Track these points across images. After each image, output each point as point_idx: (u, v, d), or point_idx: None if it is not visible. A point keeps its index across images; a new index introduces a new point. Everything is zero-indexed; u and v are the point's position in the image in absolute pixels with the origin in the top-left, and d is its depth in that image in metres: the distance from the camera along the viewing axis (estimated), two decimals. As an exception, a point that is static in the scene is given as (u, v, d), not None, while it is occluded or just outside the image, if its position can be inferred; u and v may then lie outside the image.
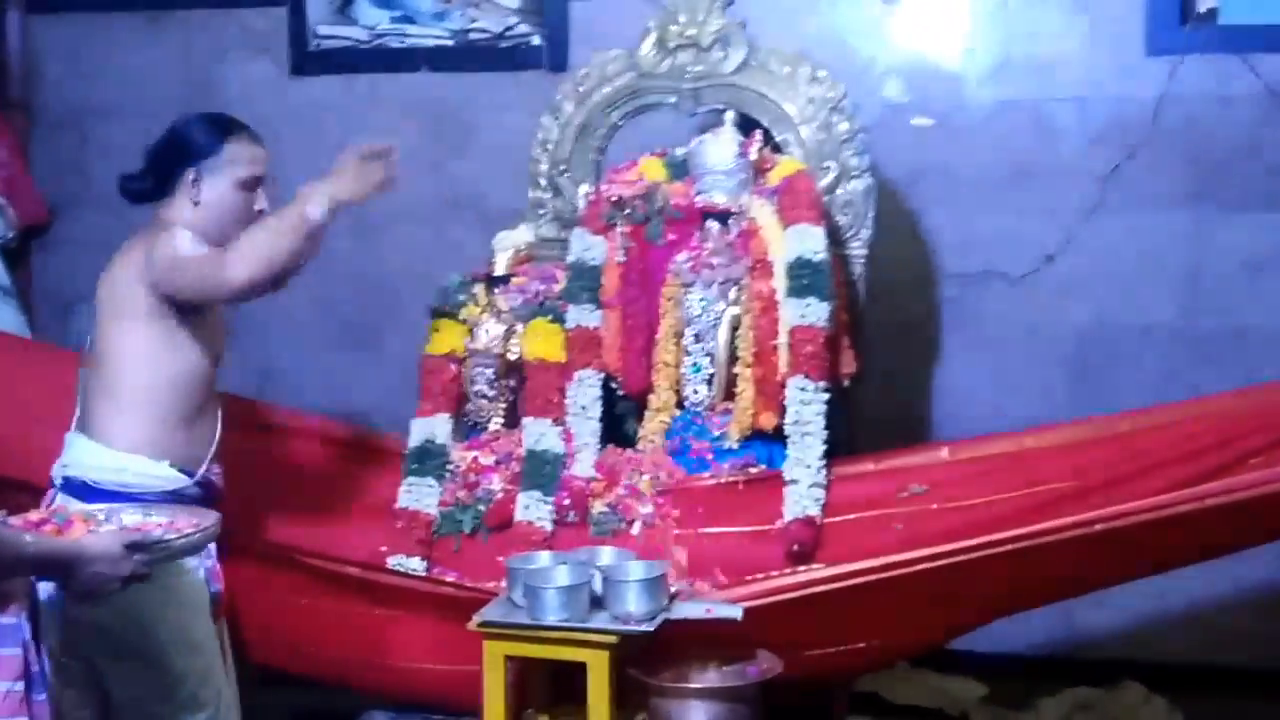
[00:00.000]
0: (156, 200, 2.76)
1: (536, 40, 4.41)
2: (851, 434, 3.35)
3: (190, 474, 2.67)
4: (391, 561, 3.10)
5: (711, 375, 3.26)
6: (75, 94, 4.77)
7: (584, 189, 3.51)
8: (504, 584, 2.79)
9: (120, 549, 2.19)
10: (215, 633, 2.73)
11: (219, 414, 2.77)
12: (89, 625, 2.55)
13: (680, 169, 3.35)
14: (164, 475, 2.64)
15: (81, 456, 2.65)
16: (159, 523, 2.38)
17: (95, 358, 2.67)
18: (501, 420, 3.38)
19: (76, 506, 2.50)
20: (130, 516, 2.41)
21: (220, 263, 2.62)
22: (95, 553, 2.18)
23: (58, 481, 2.67)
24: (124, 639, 2.57)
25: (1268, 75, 3.89)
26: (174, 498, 2.62)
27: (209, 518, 2.42)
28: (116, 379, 2.64)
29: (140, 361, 2.64)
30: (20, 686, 2.22)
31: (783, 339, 3.09)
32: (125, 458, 2.62)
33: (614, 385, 3.30)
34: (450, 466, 3.24)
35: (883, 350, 3.76)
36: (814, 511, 2.98)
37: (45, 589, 2.42)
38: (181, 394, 2.67)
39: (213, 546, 2.67)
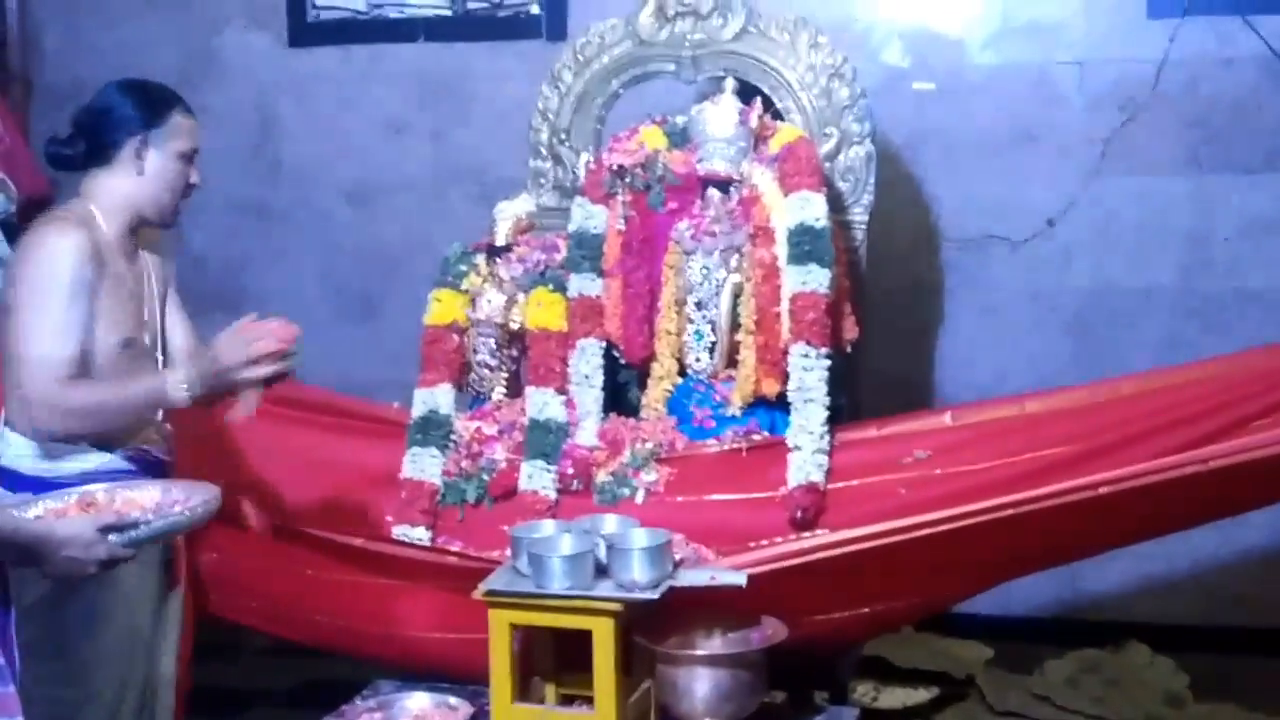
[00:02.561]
0: (83, 169, 2.65)
1: (535, 9, 4.40)
2: (855, 400, 3.35)
3: (111, 450, 2.56)
4: (396, 532, 3.11)
5: (713, 343, 3.26)
6: (74, 67, 4.76)
7: (584, 158, 3.50)
8: (508, 553, 2.80)
9: (93, 532, 2.16)
10: (148, 621, 2.64)
11: None
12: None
13: (681, 137, 3.34)
14: (82, 456, 2.54)
15: (5, 448, 2.56)
16: (175, 499, 2.36)
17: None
18: (504, 390, 3.39)
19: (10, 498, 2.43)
20: (141, 492, 2.39)
21: (46, 392, 2.45)
22: (65, 536, 2.14)
23: None
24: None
25: (1269, 35, 3.87)
26: (98, 478, 2.49)
27: (199, 494, 2.39)
28: (11, 368, 2.52)
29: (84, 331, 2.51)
30: None
31: (784, 306, 3.09)
32: (42, 445, 2.53)
33: (616, 354, 3.30)
34: (454, 437, 3.25)
35: (885, 316, 3.76)
36: (817, 478, 2.99)
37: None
38: (93, 377, 2.53)
39: None
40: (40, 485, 2.49)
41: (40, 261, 2.50)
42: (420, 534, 3.12)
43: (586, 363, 3.25)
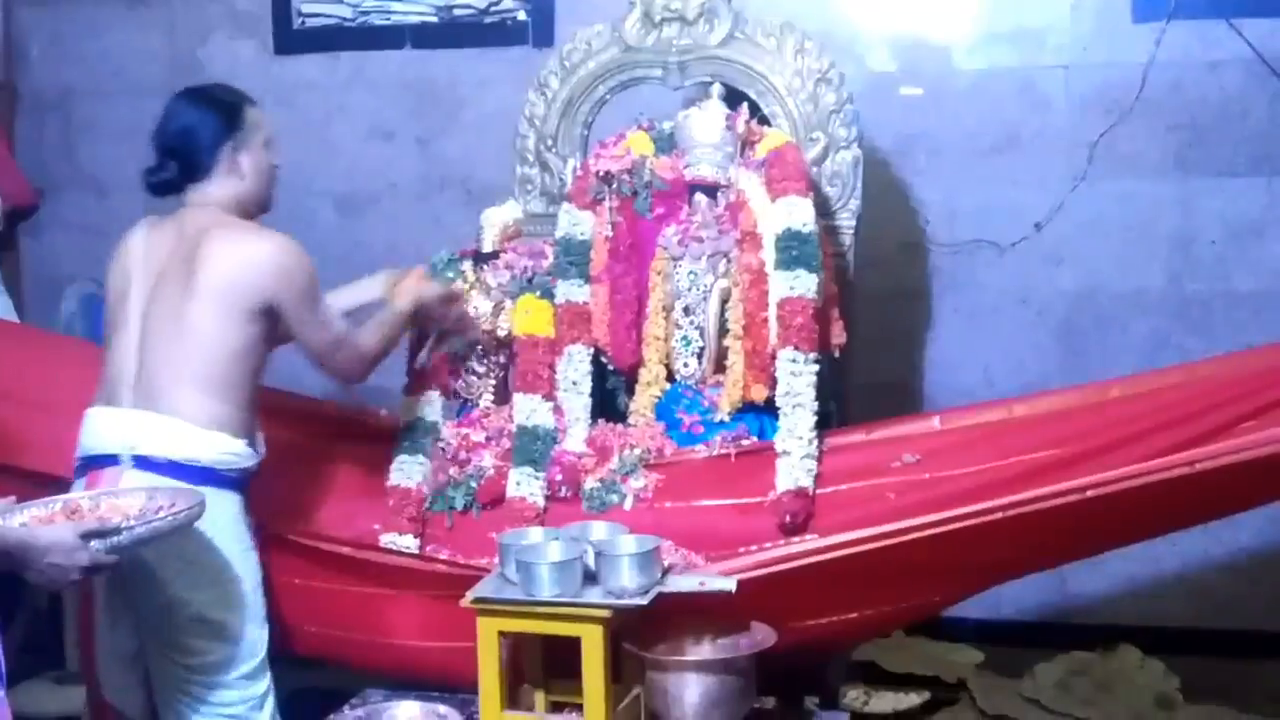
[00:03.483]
0: (183, 189, 2.81)
1: (521, 15, 4.40)
2: (843, 404, 3.35)
3: (258, 451, 2.83)
4: (384, 540, 3.10)
5: (701, 348, 3.25)
6: (60, 76, 4.76)
7: (571, 164, 3.50)
8: (497, 560, 2.79)
9: (74, 538, 2.15)
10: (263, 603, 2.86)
11: None
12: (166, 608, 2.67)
13: (667, 143, 3.34)
14: (242, 452, 2.77)
15: (158, 434, 2.68)
16: (159, 505, 2.37)
17: (180, 338, 2.70)
18: (492, 397, 3.38)
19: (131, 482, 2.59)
20: (126, 499, 2.39)
21: (347, 354, 2.90)
22: (48, 542, 2.14)
23: (125, 459, 2.66)
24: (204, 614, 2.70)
25: (1254, 38, 3.88)
26: (245, 474, 2.79)
27: (184, 500, 2.40)
28: (212, 363, 2.71)
29: (240, 350, 2.74)
30: None
31: (772, 311, 3.09)
32: (212, 435, 2.70)
33: (604, 360, 3.30)
34: (441, 443, 3.24)
35: (873, 320, 3.76)
36: (806, 483, 2.98)
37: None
38: (258, 379, 2.82)
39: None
40: (190, 471, 2.66)
41: (297, 266, 2.80)
42: (408, 541, 3.11)
43: (574, 369, 3.24)
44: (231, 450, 2.74)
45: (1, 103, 4.72)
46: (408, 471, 3.18)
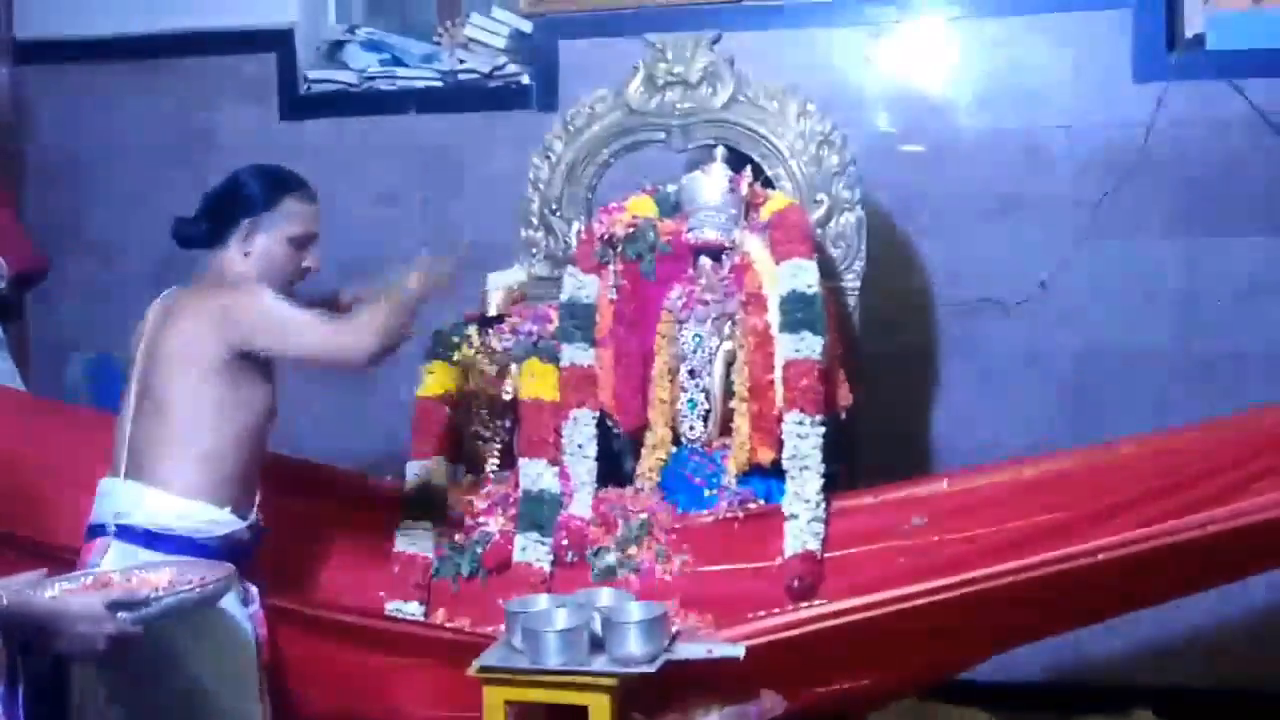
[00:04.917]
0: (206, 247, 2.83)
1: (526, 80, 4.42)
2: (851, 465, 3.33)
3: (245, 518, 2.74)
4: (389, 607, 3.08)
5: (707, 411, 3.25)
6: (68, 142, 4.78)
7: (576, 227, 3.51)
8: (503, 628, 2.77)
9: (102, 608, 2.15)
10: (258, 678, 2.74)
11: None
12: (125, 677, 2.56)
13: (671, 206, 3.35)
14: (224, 520, 2.69)
15: (141, 504, 2.66)
16: (189, 578, 2.36)
17: (156, 407, 2.69)
18: (497, 461, 3.37)
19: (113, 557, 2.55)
20: (157, 572, 2.39)
21: (349, 330, 2.77)
22: (75, 612, 2.14)
23: (110, 529, 2.66)
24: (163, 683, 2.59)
25: (1256, 99, 3.90)
26: (228, 542, 2.68)
27: (214, 574, 2.40)
28: (184, 429, 2.67)
29: (209, 414, 2.69)
30: None
31: (778, 374, 3.08)
32: (189, 504, 2.66)
33: (610, 423, 3.29)
34: (447, 510, 3.22)
35: (880, 380, 3.75)
36: (814, 546, 2.96)
37: None
38: (244, 445, 2.74)
39: (255, 590, 2.76)
40: (174, 543, 2.61)
41: (250, 300, 2.72)
42: (414, 609, 3.09)
43: (580, 433, 3.23)
44: (211, 519, 2.67)
45: (9, 169, 4.74)
46: (413, 538, 3.17)
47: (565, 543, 3.10)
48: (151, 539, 2.64)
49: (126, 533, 2.65)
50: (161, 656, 2.59)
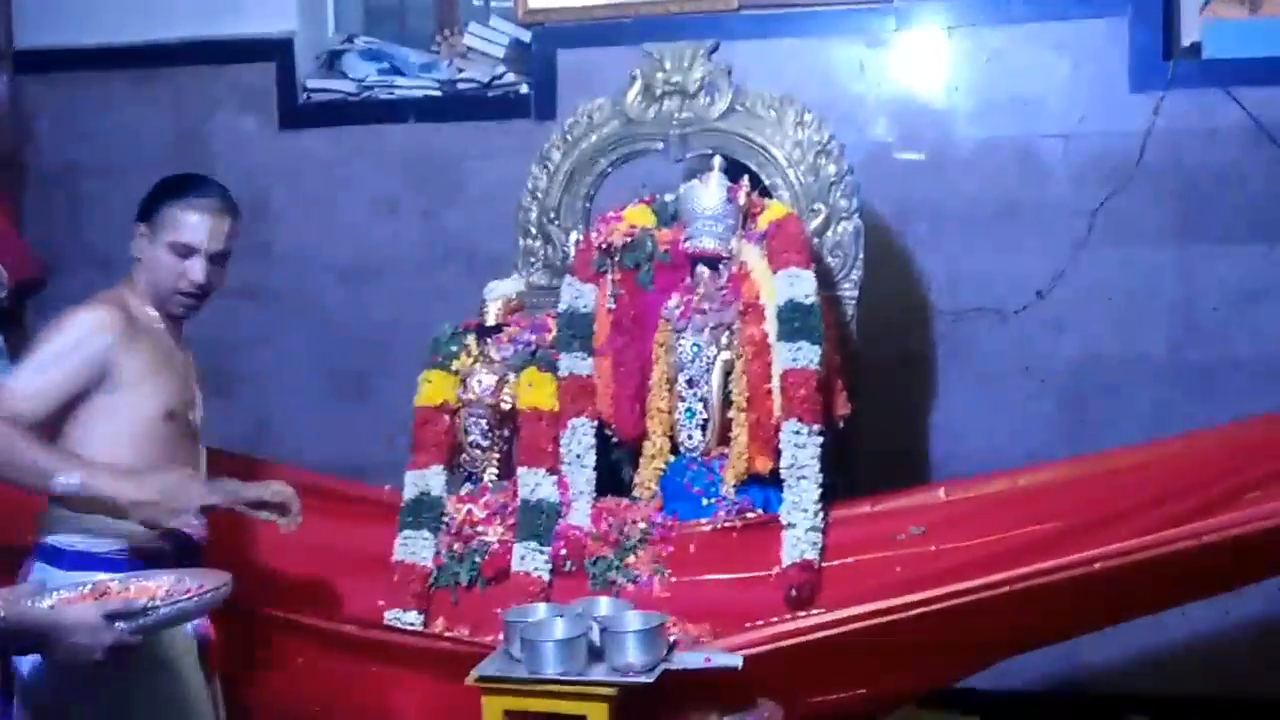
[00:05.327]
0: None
1: (524, 89, 4.44)
2: (849, 475, 3.34)
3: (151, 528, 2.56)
4: (388, 616, 3.09)
5: (705, 420, 3.25)
6: (67, 152, 4.79)
7: (574, 237, 3.51)
8: (501, 637, 2.78)
9: (99, 618, 2.15)
10: (205, 692, 2.68)
11: (194, 467, 2.72)
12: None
13: (669, 215, 3.36)
14: (123, 531, 2.57)
15: (50, 522, 2.62)
16: (187, 587, 2.36)
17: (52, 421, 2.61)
18: (496, 471, 3.37)
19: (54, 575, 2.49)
20: (154, 580, 2.39)
21: (12, 429, 2.50)
22: (72, 622, 2.14)
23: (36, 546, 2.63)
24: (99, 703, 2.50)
25: (1252, 107, 3.91)
26: (140, 555, 2.58)
27: (211, 581, 2.39)
28: (65, 443, 2.59)
29: (79, 426, 2.60)
30: None
31: (775, 383, 3.09)
32: (83, 519, 2.57)
33: (608, 433, 3.30)
34: (445, 519, 3.23)
35: (877, 389, 3.76)
36: (812, 555, 2.97)
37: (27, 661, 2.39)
38: (128, 452, 2.60)
39: None
40: (79, 559, 2.56)
41: (54, 325, 2.63)
42: (413, 618, 3.10)
43: (578, 442, 3.24)
44: (112, 531, 2.57)
45: (9, 178, 4.75)
46: (412, 547, 3.17)
47: (563, 552, 3.11)
48: (55, 555, 2.59)
49: (40, 550, 2.62)
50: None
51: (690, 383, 3.26)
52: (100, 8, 4.69)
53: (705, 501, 3.18)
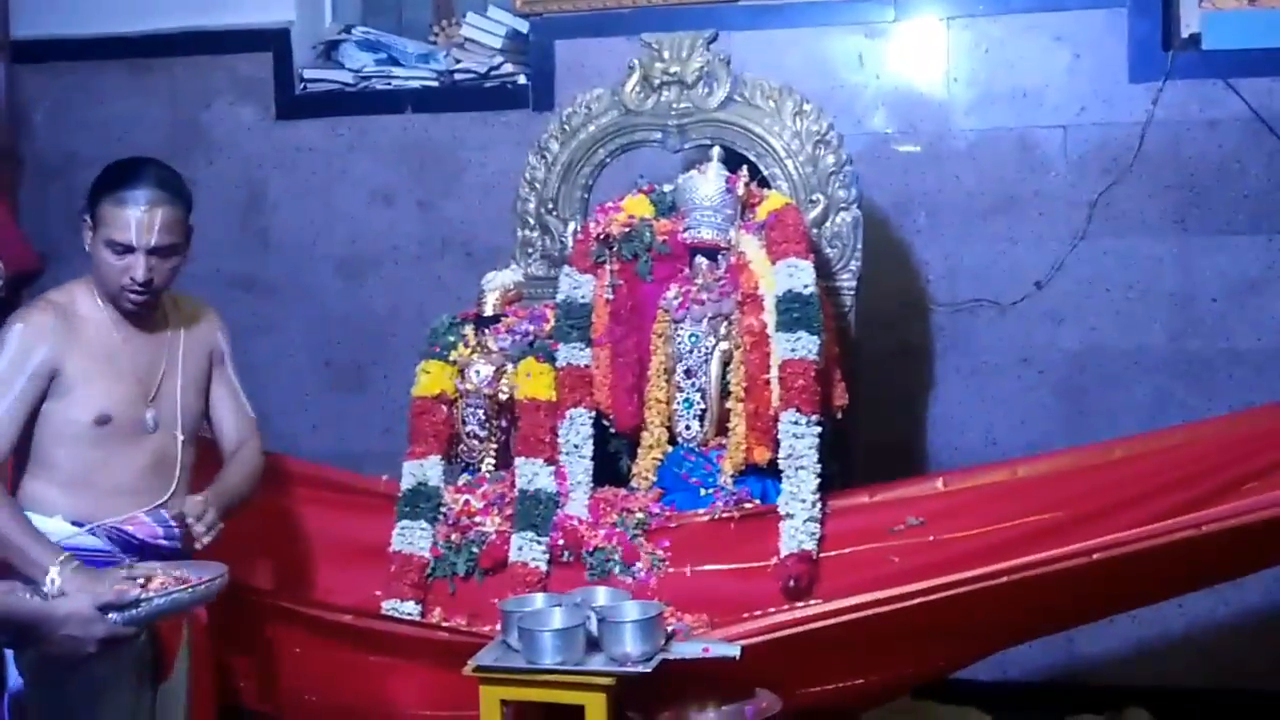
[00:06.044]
0: None
1: (522, 79, 4.42)
2: (846, 466, 3.34)
3: (80, 524, 2.54)
4: (386, 607, 3.09)
5: (703, 411, 3.24)
6: (63, 142, 4.78)
7: (572, 227, 3.51)
8: (499, 627, 2.77)
9: (92, 610, 2.15)
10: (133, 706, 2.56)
11: (140, 470, 2.64)
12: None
13: (667, 206, 3.35)
14: (55, 531, 2.51)
15: (28, 504, 2.58)
16: (182, 578, 2.36)
17: None
18: (493, 461, 3.37)
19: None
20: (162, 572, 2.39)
21: None
22: (65, 614, 2.15)
23: None
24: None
25: (1251, 98, 3.90)
26: (88, 553, 2.48)
27: (207, 573, 2.39)
28: (23, 444, 2.58)
29: (29, 427, 2.56)
30: None
31: (774, 373, 3.08)
32: (35, 518, 2.52)
33: (606, 423, 3.29)
34: (443, 509, 3.23)
35: (876, 381, 3.76)
36: (810, 546, 2.97)
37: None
38: (66, 451, 2.57)
39: None
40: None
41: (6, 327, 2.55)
42: (410, 608, 3.10)
43: (576, 432, 3.23)
44: (50, 531, 2.49)
45: (5, 169, 4.74)
46: (409, 538, 3.17)
47: (561, 542, 3.11)
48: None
49: None
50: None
51: (688, 373, 3.26)
52: (97, -3, 4.68)
53: (703, 492, 3.18)
